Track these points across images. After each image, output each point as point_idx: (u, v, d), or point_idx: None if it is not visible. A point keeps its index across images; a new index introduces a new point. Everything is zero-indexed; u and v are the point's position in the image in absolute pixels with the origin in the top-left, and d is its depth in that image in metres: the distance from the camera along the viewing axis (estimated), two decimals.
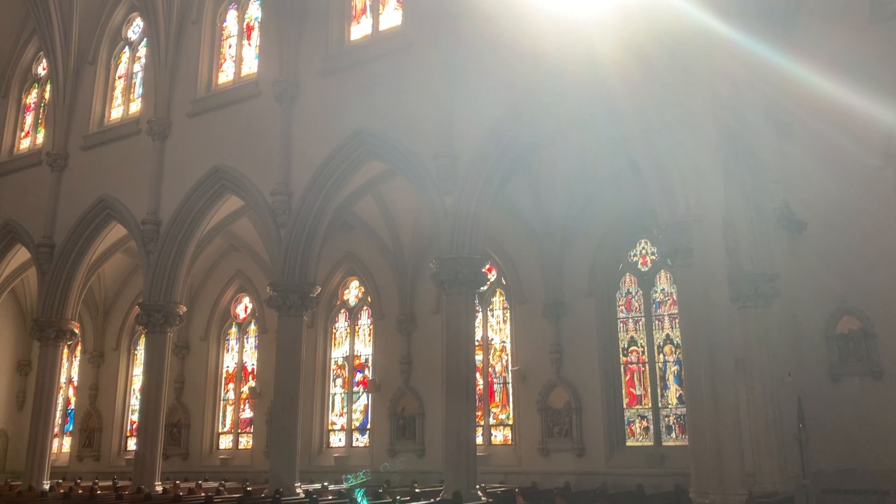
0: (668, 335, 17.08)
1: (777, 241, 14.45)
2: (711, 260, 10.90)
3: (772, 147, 14.14)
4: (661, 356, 17.08)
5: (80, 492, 15.85)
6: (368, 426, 20.34)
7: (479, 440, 16.87)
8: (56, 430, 22.46)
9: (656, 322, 17.34)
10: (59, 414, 23.20)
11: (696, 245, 10.90)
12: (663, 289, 17.40)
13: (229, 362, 23.47)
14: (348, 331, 21.56)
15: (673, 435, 16.60)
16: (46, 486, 17.79)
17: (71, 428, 25.24)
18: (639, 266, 17.82)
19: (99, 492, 15.41)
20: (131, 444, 23.03)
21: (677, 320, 14.84)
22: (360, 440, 20.50)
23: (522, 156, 14.26)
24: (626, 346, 17.53)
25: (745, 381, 13.53)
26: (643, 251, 17.86)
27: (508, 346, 19.01)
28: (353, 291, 21.80)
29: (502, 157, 13.77)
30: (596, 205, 17.60)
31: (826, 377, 13.95)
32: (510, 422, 18.55)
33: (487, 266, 17.67)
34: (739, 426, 10.73)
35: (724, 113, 11.99)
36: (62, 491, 16.06)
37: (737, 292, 13.81)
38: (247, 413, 22.54)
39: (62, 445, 25.10)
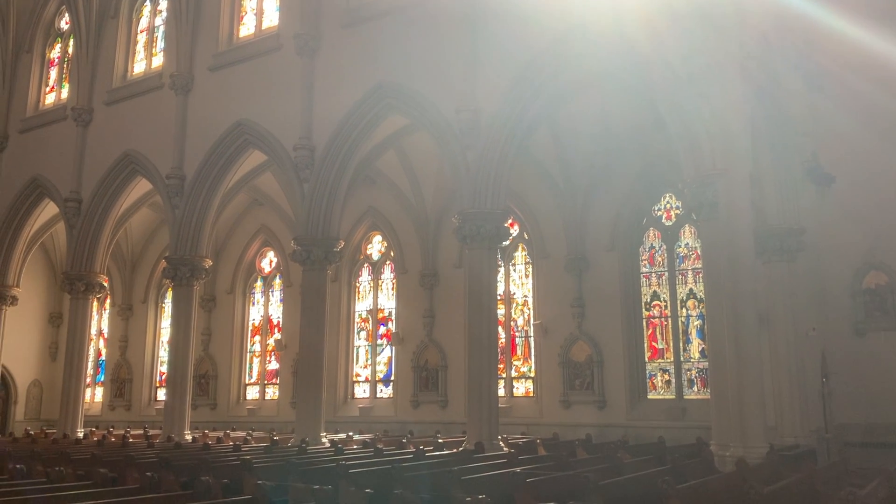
0: (691, 290, 17.04)
1: (804, 195, 14.26)
2: (737, 214, 10.80)
3: (801, 100, 13.84)
4: (684, 311, 17.07)
5: (113, 440, 16.36)
6: (392, 378, 20.66)
7: (501, 392, 17.07)
8: (88, 380, 23.10)
9: (679, 277, 17.29)
10: (90, 365, 23.79)
11: (721, 199, 10.80)
12: (687, 243, 17.29)
13: (255, 315, 23.84)
14: (371, 285, 21.75)
15: (695, 388, 16.68)
16: (80, 434, 18.36)
17: (102, 378, 25.92)
18: (663, 220, 17.69)
19: (131, 440, 15.89)
20: (161, 395, 23.61)
21: (701, 275, 14.80)
22: (384, 391, 20.84)
23: (545, 109, 14.11)
24: (648, 300, 17.53)
25: (768, 336, 13.53)
26: (667, 205, 17.71)
27: (530, 301, 19.09)
28: (375, 246, 21.92)
29: (525, 111, 13.63)
30: (620, 159, 17.42)
31: (851, 332, 13.88)
32: (532, 374, 18.73)
33: (510, 221, 17.62)
34: (762, 380, 10.76)
35: (753, 65, 11.72)
36: (95, 439, 16.58)
37: (762, 247, 13.71)
38: (273, 365, 22.97)
39: (94, 395, 25.81)
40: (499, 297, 16.52)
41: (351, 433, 17.51)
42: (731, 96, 11.08)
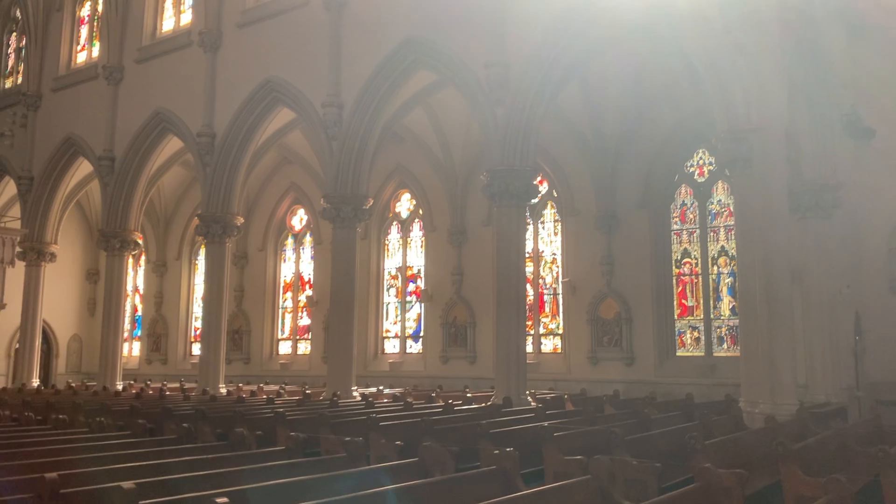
0: (722, 247, 16.85)
1: (842, 149, 13.91)
2: (771, 170, 10.59)
3: (841, 50, 13.40)
4: (715, 268, 16.91)
5: (150, 392, 16.82)
6: (421, 334, 20.87)
7: (529, 349, 17.13)
8: (125, 335, 23.67)
9: (711, 234, 17.09)
10: (127, 320, 24.37)
11: (755, 155, 10.58)
12: (720, 200, 17.04)
13: (286, 272, 24.14)
14: (400, 242, 21.84)
15: (724, 346, 16.62)
16: (119, 387, 18.90)
17: (139, 333, 26.56)
18: (695, 177, 17.43)
19: (167, 393, 16.32)
20: (196, 349, 24.13)
21: (733, 232, 14.60)
22: (414, 347, 21.08)
23: (575, 64, 13.86)
24: (679, 257, 17.38)
25: (800, 293, 13.36)
26: (700, 161, 17.43)
27: (559, 258, 19.05)
28: (404, 204, 21.95)
29: (555, 66, 13.41)
30: (651, 114, 17.12)
31: (886, 290, 13.65)
32: (560, 331, 18.79)
33: (539, 178, 17.50)
34: (793, 337, 10.68)
35: (791, 14, 11.36)
36: (134, 391, 17.06)
37: (796, 203, 13.45)
38: (304, 320, 23.31)
39: (132, 349, 26.47)
40: (527, 255, 16.49)
41: (381, 387, 17.80)
42: (768, 48, 10.78)
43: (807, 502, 5.13)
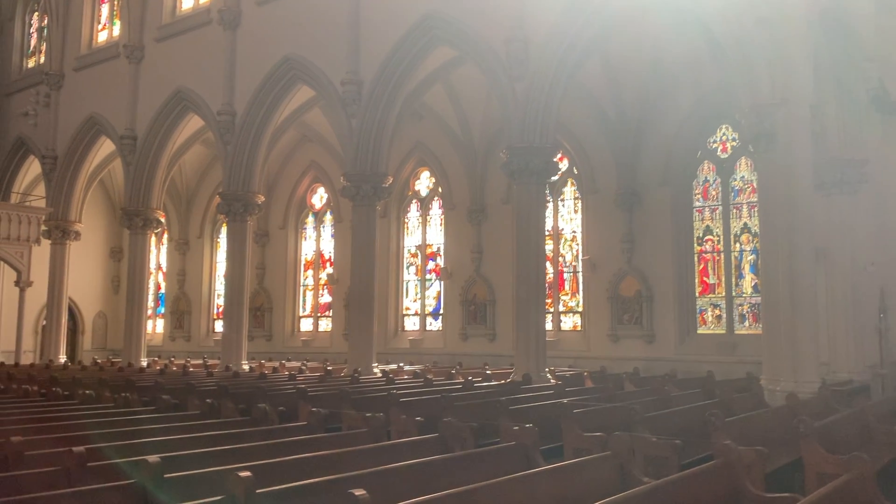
0: (745, 224, 16.68)
1: (868, 124, 13.66)
2: (796, 145, 10.44)
3: (869, 20, 13.09)
4: (738, 245, 16.76)
5: (174, 369, 17.06)
6: (441, 312, 20.94)
7: (549, 326, 17.16)
8: (149, 312, 23.99)
9: (734, 211, 16.92)
10: (151, 297, 24.68)
11: (779, 130, 10.43)
12: (743, 176, 16.84)
13: (307, 250, 24.28)
14: (420, 220, 21.86)
15: (746, 324, 16.51)
16: (143, 363, 19.20)
17: (163, 310, 26.90)
18: (718, 153, 17.22)
19: (191, 369, 16.54)
20: (218, 326, 24.40)
21: (756, 209, 14.44)
22: (434, 325, 21.16)
23: (596, 39, 13.69)
24: (701, 235, 17.24)
25: (824, 270, 13.21)
26: (723, 137, 17.21)
27: (579, 236, 18.97)
28: (424, 182, 21.92)
29: (575, 41, 13.25)
30: (674, 90, 16.89)
31: None
32: (580, 309, 18.76)
33: (559, 155, 17.38)
34: (816, 315, 10.58)
35: None
36: (158, 368, 17.32)
37: (821, 179, 13.24)
38: (325, 298, 23.47)
39: (156, 326, 26.83)
40: (547, 233, 16.44)
41: (401, 364, 17.91)
42: (793, 21, 10.57)
43: (828, 480, 5.10)
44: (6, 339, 22.94)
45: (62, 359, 21.56)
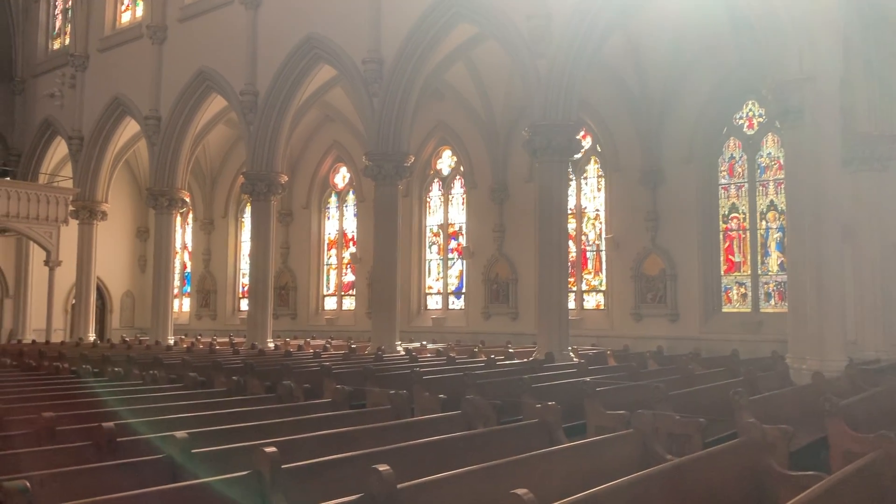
0: (772, 201, 16.47)
1: None
2: (824, 121, 10.25)
3: None
4: (764, 223, 16.56)
5: (201, 347, 17.28)
6: (463, 291, 20.97)
7: (572, 305, 17.13)
8: (176, 291, 24.31)
9: (760, 188, 16.70)
10: (177, 277, 24.99)
11: (807, 105, 10.23)
12: (769, 153, 16.60)
13: (330, 229, 24.39)
14: (442, 199, 21.84)
15: (772, 302, 16.36)
16: (171, 341, 19.47)
17: (189, 289, 27.23)
18: (744, 129, 16.98)
19: (217, 347, 16.76)
20: (244, 305, 24.68)
21: (783, 185, 14.23)
22: (456, 303, 21.22)
23: (620, 15, 13.48)
24: (726, 212, 17.06)
25: (851, 248, 13.02)
26: (750, 113, 16.95)
27: (602, 214, 18.85)
28: (445, 160, 21.88)
29: (598, 17, 13.08)
30: (700, 65, 16.63)
31: None
32: (603, 288, 18.69)
33: (582, 133, 17.24)
34: (843, 293, 10.45)
35: None
36: (185, 346, 17.56)
37: (850, 155, 13.02)
38: (349, 277, 23.61)
39: (182, 305, 27.19)
40: (570, 211, 16.35)
41: (424, 342, 18.01)
42: None
43: (854, 458, 5.07)
44: (37, 317, 23.42)
45: (91, 337, 21.95)
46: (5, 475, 3.70)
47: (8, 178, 23.09)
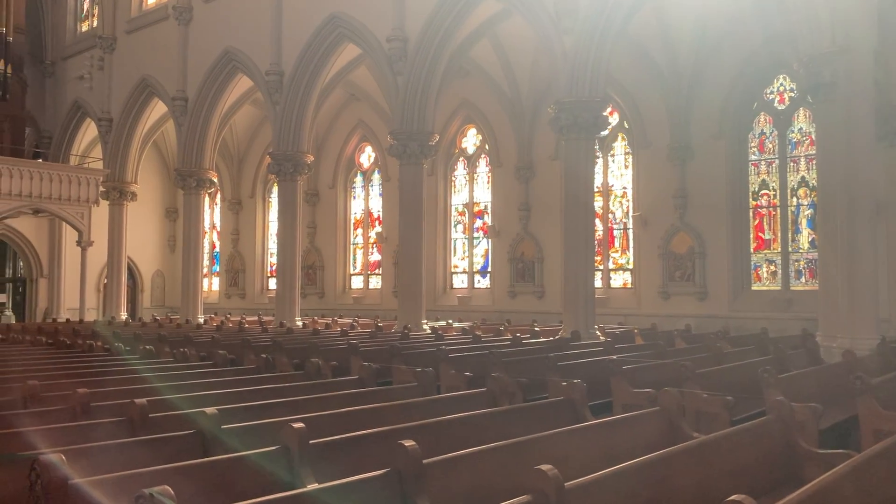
0: (803, 177, 16.18)
1: None
2: (857, 95, 10.02)
3: None
4: (795, 199, 16.30)
5: (230, 325, 17.53)
6: (489, 269, 20.97)
7: (598, 284, 17.04)
8: (205, 270, 24.61)
9: (791, 164, 16.41)
10: (206, 256, 25.29)
11: (840, 79, 10.00)
12: (801, 128, 16.28)
13: (356, 209, 24.48)
14: (467, 178, 21.79)
15: (802, 280, 16.14)
16: (201, 320, 19.77)
17: (218, 269, 27.57)
18: (775, 104, 16.66)
19: (246, 325, 16.99)
20: (272, 284, 24.92)
21: (814, 161, 13.98)
22: (482, 282, 21.23)
23: None
24: (756, 189, 16.80)
25: (885, 225, 12.77)
26: (780, 88, 16.61)
27: (630, 192, 18.67)
28: (470, 139, 21.79)
29: None
30: (729, 39, 16.31)
31: None
32: (630, 266, 18.57)
33: (609, 109, 16.99)
34: (875, 270, 10.26)
35: None
36: (214, 324, 17.83)
37: (884, 129, 12.72)
38: (375, 256, 23.72)
39: (211, 284, 27.54)
40: (596, 189, 16.21)
41: (450, 321, 18.06)
42: None
43: (885, 437, 5.01)
44: (71, 297, 23.89)
45: (123, 316, 22.35)
46: (42, 449, 3.80)
47: (40, 160, 23.48)
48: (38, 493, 2.88)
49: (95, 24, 24.88)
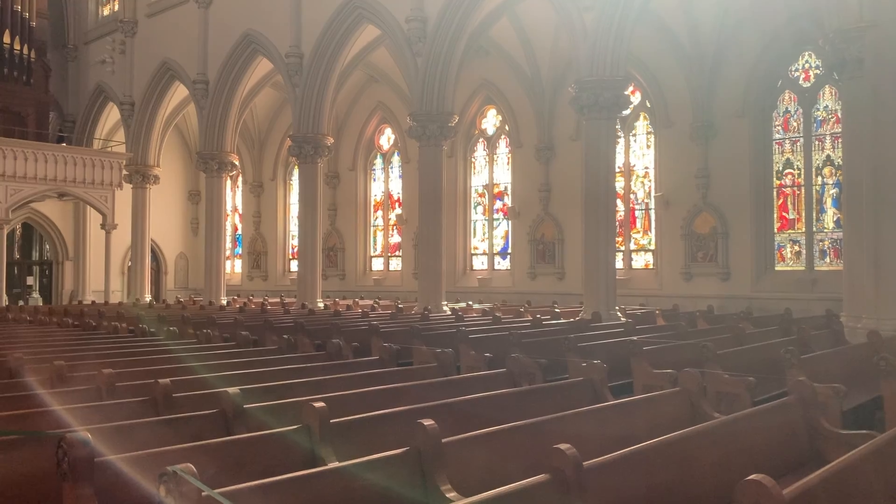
0: (828, 156, 15.93)
1: None
2: (885, 72, 9.80)
3: None
4: (819, 179, 16.06)
5: (253, 307, 17.68)
6: (509, 251, 20.93)
7: (620, 265, 16.95)
8: (227, 253, 24.83)
9: (816, 142, 16.15)
10: (228, 239, 25.51)
11: (868, 55, 9.80)
12: (826, 106, 16.00)
13: (376, 191, 24.52)
14: (487, 159, 21.70)
15: (827, 259, 15.94)
16: (223, 302, 19.98)
17: (240, 251, 27.80)
18: (800, 82, 16.37)
19: (268, 307, 17.12)
20: (294, 266, 25.08)
21: (840, 140, 13.75)
22: (502, 264, 21.21)
23: None
24: (780, 168, 16.57)
25: None
26: (806, 65, 16.32)
27: (651, 172, 18.49)
28: (490, 120, 21.67)
29: None
30: (753, 14, 16.02)
31: None
32: (652, 247, 18.44)
33: (630, 88, 16.81)
34: None
35: None
36: (237, 306, 18.00)
37: None
38: (395, 238, 23.77)
39: (234, 266, 27.80)
40: (618, 170, 16.08)
41: (470, 302, 18.09)
42: None
43: None
44: (95, 279, 24.24)
45: (147, 298, 22.63)
46: (69, 428, 3.88)
47: (64, 144, 23.74)
48: (64, 469, 2.94)
49: (117, 7, 24.99)
